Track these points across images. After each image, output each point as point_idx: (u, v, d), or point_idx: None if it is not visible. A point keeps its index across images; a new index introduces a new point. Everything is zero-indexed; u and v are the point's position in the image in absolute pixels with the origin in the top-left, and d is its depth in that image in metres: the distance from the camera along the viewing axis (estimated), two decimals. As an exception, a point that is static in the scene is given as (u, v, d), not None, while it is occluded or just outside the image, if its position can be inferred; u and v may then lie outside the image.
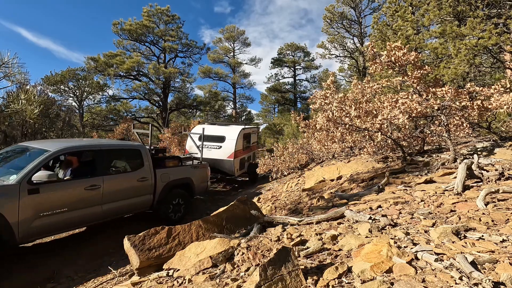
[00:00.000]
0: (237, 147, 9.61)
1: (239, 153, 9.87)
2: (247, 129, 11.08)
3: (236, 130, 10.07)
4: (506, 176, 3.71)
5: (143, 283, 2.39)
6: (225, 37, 30.72)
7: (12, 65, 5.57)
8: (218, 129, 10.49)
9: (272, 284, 1.63)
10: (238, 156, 9.71)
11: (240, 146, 9.88)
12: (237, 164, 9.71)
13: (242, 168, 10.37)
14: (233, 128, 10.42)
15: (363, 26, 22.35)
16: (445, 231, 2.14)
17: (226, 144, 9.66)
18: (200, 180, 6.89)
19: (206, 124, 11.65)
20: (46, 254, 4.60)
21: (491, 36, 5.93)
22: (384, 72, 5.94)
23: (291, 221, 3.21)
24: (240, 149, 9.97)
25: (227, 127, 10.61)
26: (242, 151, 10.20)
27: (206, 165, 7.27)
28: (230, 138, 9.74)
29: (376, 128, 5.22)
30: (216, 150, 9.69)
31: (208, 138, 9.58)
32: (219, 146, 9.72)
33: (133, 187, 5.19)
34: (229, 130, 10.20)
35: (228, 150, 9.53)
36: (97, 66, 18.79)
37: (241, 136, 10.04)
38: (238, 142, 9.69)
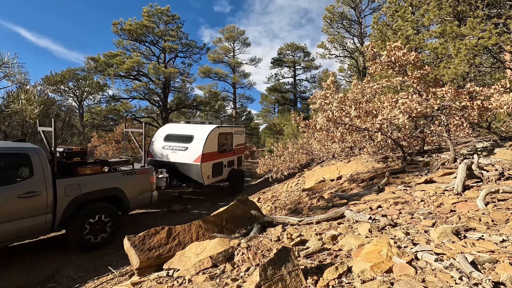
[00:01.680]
0: (207, 148, 7.98)
1: (211, 157, 8.22)
2: (225, 128, 9.51)
3: (207, 129, 8.41)
4: (506, 176, 3.71)
5: (143, 283, 2.38)
6: (225, 37, 30.72)
7: (12, 65, 5.57)
8: (186, 128, 8.90)
9: (272, 284, 1.63)
10: (208, 160, 8.05)
11: (212, 148, 8.27)
12: (207, 169, 8.01)
13: (216, 175, 8.63)
14: (205, 126, 8.71)
15: (363, 26, 22.36)
16: (445, 231, 2.14)
17: (194, 145, 8.00)
18: (138, 190, 5.60)
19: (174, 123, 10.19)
20: (46, 254, 4.60)
21: (491, 36, 5.93)
22: (384, 72, 5.94)
23: (291, 221, 3.21)
24: (213, 152, 8.35)
25: (198, 126, 8.99)
26: (217, 154, 8.57)
27: (148, 170, 5.91)
28: (198, 138, 8.09)
29: (376, 128, 5.23)
30: (181, 152, 8.04)
31: (174, 138, 8.45)
32: (185, 148, 8.05)
33: (10, 206, 3.79)
34: (199, 129, 8.58)
35: (194, 152, 7.85)
36: (97, 66, 18.78)
37: (215, 136, 8.46)
38: (209, 143, 8.09)
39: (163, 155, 8.23)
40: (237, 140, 10.01)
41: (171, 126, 9.35)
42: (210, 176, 8.20)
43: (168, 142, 8.42)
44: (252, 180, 14.25)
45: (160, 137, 8.65)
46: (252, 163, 20.62)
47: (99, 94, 20.97)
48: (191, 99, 23.96)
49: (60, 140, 11.38)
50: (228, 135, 9.47)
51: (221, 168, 8.83)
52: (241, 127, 11.00)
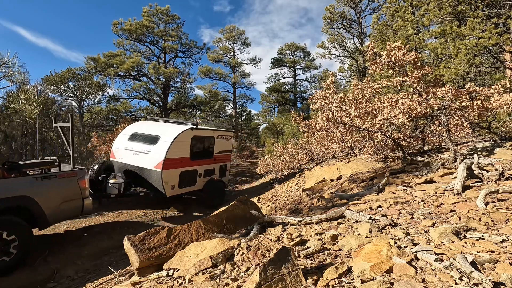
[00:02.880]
0: (173, 153, 6.71)
1: (178, 163, 6.95)
2: (203, 130, 8.13)
3: (176, 130, 7.12)
4: (506, 176, 3.71)
5: (143, 283, 2.38)
6: (225, 37, 30.72)
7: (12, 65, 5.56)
8: (155, 127, 7.76)
9: (272, 284, 1.63)
10: (174, 166, 6.80)
11: (181, 152, 6.98)
12: (172, 178, 6.77)
13: (186, 185, 7.33)
14: (176, 127, 7.51)
15: (363, 26, 22.35)
16: (445, 231, 2.14)
17: (157, 148, 6.75)
18: (61, 198, 4.56)
19: (145, 121, 9.11)
20: (46, 254, 4.60)
21: (491, 36, 5.93)
22: (384, 72, 5.94)
23: (291, 221, 3.21)
24: (182, 158, 7.04)
25: (169, 125, 7.92)
26: (188, 161, 7.25)
27: (76, 173, 4.82)
28: (164, 140, 6.83)
29: (376, 128, 5.23)
30: (143, 155, 6.87)
31: (139, 138, 7.34)
32: (147, 150, 6.85)
33: None
34: (169, 129, 7.37)
35: (157, 156, 6.61)
36: (97, 66, 18.79)
37: (186, 139, 7.14)
38: (177, 146, 6.79)
39: (124, 157, 7.19)
40: (220, 146, 8.60)
41: (141, 124, 8.37)
42: (176, 186, 6.97)
43: (132, 142, 7.32)
44: (252, 180, 14.26)
45: (125, 136, 7.61)
46: (252, 163, 20.63)
47: (99, 94, 20.99)
48: (191, 99, 23.97)
49: (60, 140, 11.34)
50: (207, 139, 8.15)
51: (194, 178, 7.56)
52: (228, 131, 9.44)
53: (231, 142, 9.24)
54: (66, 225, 6.09)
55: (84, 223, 6.24)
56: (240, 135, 30.94)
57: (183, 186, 7.17)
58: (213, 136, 8.28)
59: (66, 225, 6.04)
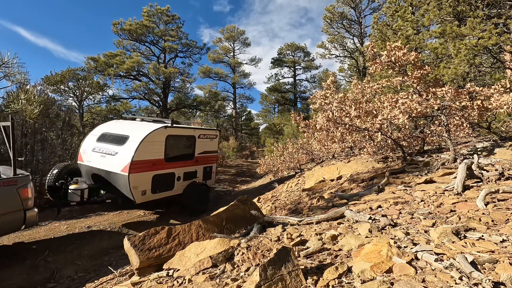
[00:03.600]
0: (142, 155, 5.94)
1: (150, 166, 6.18)
2: (181, 129, 7.32)
3: (147, 129, 6.31)
4: (506, 176, 3.71)
5: (143, 283, 2.38)
6: (225, 37, 30.73)
7: (12, 65, 5.57)
8: (125, 126, 7.01)
9: (272, 284, 1.63)
10: (144, 169, 6.03)
11: (152, 154, 6.22)
12: (142, 182, 6.00)
13: (162, 190, 6.57)
14: (147, 125, 6.74)
15: (363, 26, 22.36)
16: (445, 231, 2.14)
17: (125, 149, 5.99)
18: None
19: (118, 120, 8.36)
20: (46, 254, 4.60)
21: (491, 36, 5.93)
22: (384, 72, 5.95)
23: (291, 221, 3.21)
24: (155, 159, 6.27)
25: (140, 124, 7.10)
26: (163, 163, 6.50)
27: (15, 181, 4.12)
28: (133, 140, 6.07)
29: (376, 128, 5.23)
30: (110, 157, 6.11)
31: (107, 139, 6.57)
32: (114, 152, 6.10)
33: None
34: (139, 128, 6.61)
35: (123, 158, 5.83)
36: (97, 66, 18.79)
37: (159, 139, 6.39)
38: (146, 147, 6.03)
39: (91, 159, 6.43)
40: (203, 146, 7.87)
41: (112, 123, 7.66)
42: (148, 191, 6.19)
43: (100, 143, 6.56)
44: (252, 180, 14.27)
45: (94, 136, 6.89)
46: (252, 163, 20.64)
47: (99, 94, 20.96)
48: (191, 99, 23.99)
49: (60, 140, 11.35)
50: (187, 139, 7.42)
51: (171, 181, 6.83)
52: (212, 130, 8.47)
53: (216, 142, 8.47)
54: (67, 225, 6.10)
55: (84, 223, 6.24)
56: (240, 135, 30.95)
57: (157, 191, 6.39)
58: (193, 135, 7.53)
59: (67, 225, 6.05)
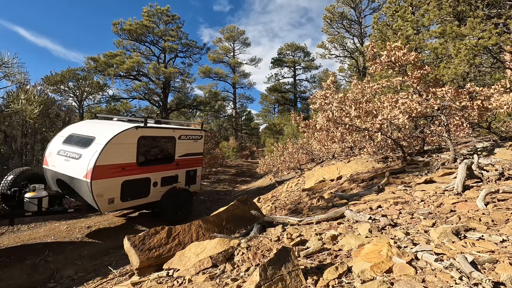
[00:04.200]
0: (108, 158, 5.28)
1: (119, 171, 5.49)
2: (156, 129, 6.50)
3: (115, 129, 5.65)
4: (506, 176, 3.71)
5: (143, 283, 2.38)
6: (225, 37, 30.75)
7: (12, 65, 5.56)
8: (93, 127, 6.31)
9: (272, 284, 1.63)
10: (112, 175, 5.36)
11: (122, 157, 5.54)
12: (108, 189, 5.32)
13: (132, 197, 5.83)
14: (118, 125, 6.01)
15: (363, 26, 22.37)
16: (445, 231, 2.14)
17: (89, 152, 5.32)
18: None
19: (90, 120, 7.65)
20: (46, 254, 4.61)
21: (491, 36, 5.93)
22: (384, 72, 5.95)
23: (291, 221, 3.21)
24: (124, 164, 5.58)
25: (110, 124, 6.37)
26: (135, 167, 5.80)
27: None
28: (98, 142, 5.40)
29: (376, 128, 5.23)
30: (74, 161, 5.41)
31: (74, 141, 5.85)
32: (78, 155, 5.41)
33: None
34: (108, 128, 5.92)
35: (86, 163, 5.17)
36: (97, 66, 18.81)
37: (129, 141, 5.69)
38: (113, 150, 5.37)
39: (56, 163, 5.72)
40: (185, 148, 7.09)
41: (82, 123, 6.97)
42: (117, 199, 5.50)
43: (66, 145, 5.85)
44: (252, 180, 14.27)
45: (61, 138, 6.17)
46: (252, 163, 20.66)
47: (99, 94, 21.00)
48: (191, 99, 24.02)
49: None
50: (164, 140, 6.68)
51: (145, 188, 6.08)
52: (196, 130, 7.64)
53: (201, 143, 7.66)
54: (67, 225, 6.10)
55: (84, 223, 6.24)
56: (240, 135, 30.95)
57: (128, 199, 5.72)
58: (173, 136, 6.78)
59: (67, 225, 6.04)
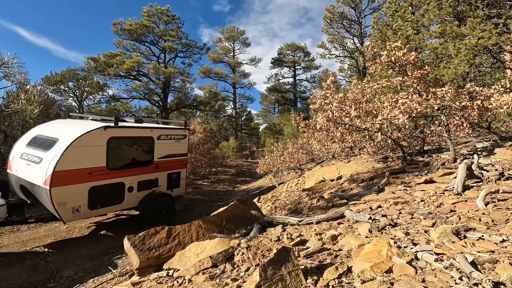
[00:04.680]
0: (71, 162, 4.70)
1: (86, 176, 4.92)
2: (129, 129, 5.76)
3: (80, 130, 5.01)
4: (506, 176, 3.71)
5: (143, 283, 2.38)
6: (225, 37, 30.75)
7: (12, 65, 5.56)
8: (59, 127, 5.64)
9: (272, 284, 1.63)
10: (76, 180, 4.78)
11: (88, 160, 4.95)
12: (72, 197, 4.74)
13: (103, 204, 5.27)
14: (84, 125, 5.33)
15: (363, 26, 22.37)
16: (445, 231, 2.14)
17: (50, 155, 4.75)
18: None
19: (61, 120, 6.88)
20: (46, 254, 4.60)
21: (491, 36, 5.93)
22: (384, 72, 5.95)
23: (291, 221, 3.21)
24: (93, 167, 5.01)
25: (77, 124, 5.65)
26: (105, 171, 5.21)
27: None
28: (60, 144, 4.81)
29: (376, 128, 5.23)
30: (35, 165, 4.88)
31: (37, 143, 5.27)
32: (39, 159, 4.87)
33: None
34: (73, 129, 5.22)
35: (46, 167, 4.62)
36: (97, 66, 18.81)
37: (96, 142, 5.08)
38: (78, 152, 4.79)
39: (19, 168, 5.22)
40: (166, 149, 6.42)
41: (51, 123, 6.18)
42: (84, 207, 4.92)
43: (29, 148, 5.27)
44: (252, 180, 14.26)
45: (25, 140, 5.57)
46: (252, 163, 20.66)
47: (99, 94, 20.99)
48: (191, 99, 24.02)
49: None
50: (140, 141, 6.01)
51: (119, 193, 5.50)
52: (178, 129, 6.89)
53: (185, 143, 6.95)
54: (67, 225, 6.09)
55: (84, 223, 6.24)
56: (240, 135, 30.96)
57: (97, 206, 5.13)
58: (150, 136, 6.11)
59: (67, 225, 6.04)
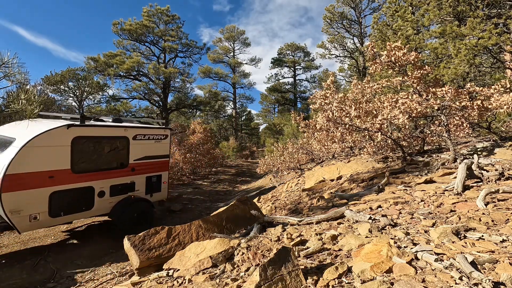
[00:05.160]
0: (27, 165, 4.27)
1: (45, 180, 4.47)
2: (98, 128, 5.25)
3: (39, 129, 4.51)
4: (506, 176, 3.71)
5: (143, 283, 2.38)
6: (225, 37, 30.75)
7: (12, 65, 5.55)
8: (19, 127, 5.04)
9: (272, 284, 1.63)
10: (32, 185, 4.32)
11: (48, 163, 4.50)
12: (26, 204, 4.27)
13: (68, 211, 4.75)
14: (44, 124, 4.78)
15: (363, 26, 22.37)
16: (445, 231, 2.14)
17: (3, 156, 4.35)
18: None
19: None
20: (46, 254, 4.60)
21: (491, 36, 5.93)
22: (384, 72, 5.95)
23: (291, 221, 3.21)
24: (54, 170, 4.56)
25: (39, 123, 4.88)
26: (69, 175, 4.72)
27: None
28: (16, 144, 4.39)
29: (376, 128, 5.23)
30: None
31: None
32: None
33: None
34: (32, 128, 4.55)
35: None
36: (97, 66, 18.80)
37: (57, 142, 4.61)
38: (33, 154, 4.33)
39: None
40: (144, 150, 5.92)
41: (15, 123, 5.58)
42: (44, 214, 4.45)
43: None
44: (252, 180, 14.26)
45: None
46: (252, 163, 20.66)
47: (99, 94, 21.00)
48: (191, 99, 24.01)
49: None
50: (112, 141, 5.48)
51: (87, 199, 5.00)
52: (158, 129, 6.32)
53: (167, 143, 6.42)
54: (66, 225, 6.09)
55: (84, 223, 6.24)
56: (240, 135, 30.96)
57: (61, 213, 4.62)
58: (124, 136, 5.59)
59: (66, 225, 6.04)
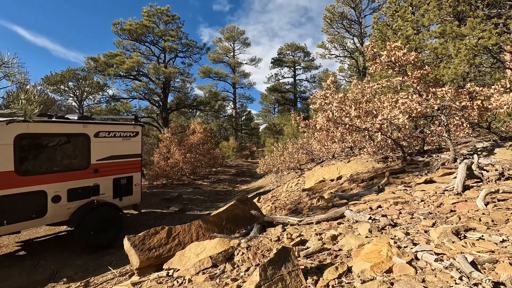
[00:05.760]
0: None
1: None
2: (50, 124, 4.82)
3: None
4: (506, 176, 3.71)
5: (143, 283, 2.38)
6: (225, 37, 30.75)
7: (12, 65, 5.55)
8: None
9: (272, 284, 1.63)
10: None
11: None
12: None
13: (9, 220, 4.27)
14: None
15: (363, 26, 22.37)
16: (445, 231, 2.14)
17: None
18: None
19: None
20: (46, 254, 4.60)
21: (491, 36, 5.93)
22: (384, 72, 5.94)
23: (291, 221, 3.21)
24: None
25: None
26: (13, 177, 4.33)
27: None
28: None
29: (376, 128, 5.22)
30: None
31: None
32: None
33: None
34: None
35: None
36: (97, 66, 18.80)
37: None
38: None
39: None
40: (109, 148, 5.52)
41: None
42: None
43: None
44: (252, 180, 14.25)
45: None
46: (252, 163, 20.65)
47: (99, 94, 21.02)
48: (191, 99, 24.01)
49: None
50: (67, 139, 5.02)
51: (37, 205, 4.58)
52: (126, 125, 5.88)
53: (138, 141, 5.95)
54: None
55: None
56: (240, 135, 30.96)
57: (4, 222, 4.22)
58: (83, 133, 5.14)
59: (66, 225, 6.04)
